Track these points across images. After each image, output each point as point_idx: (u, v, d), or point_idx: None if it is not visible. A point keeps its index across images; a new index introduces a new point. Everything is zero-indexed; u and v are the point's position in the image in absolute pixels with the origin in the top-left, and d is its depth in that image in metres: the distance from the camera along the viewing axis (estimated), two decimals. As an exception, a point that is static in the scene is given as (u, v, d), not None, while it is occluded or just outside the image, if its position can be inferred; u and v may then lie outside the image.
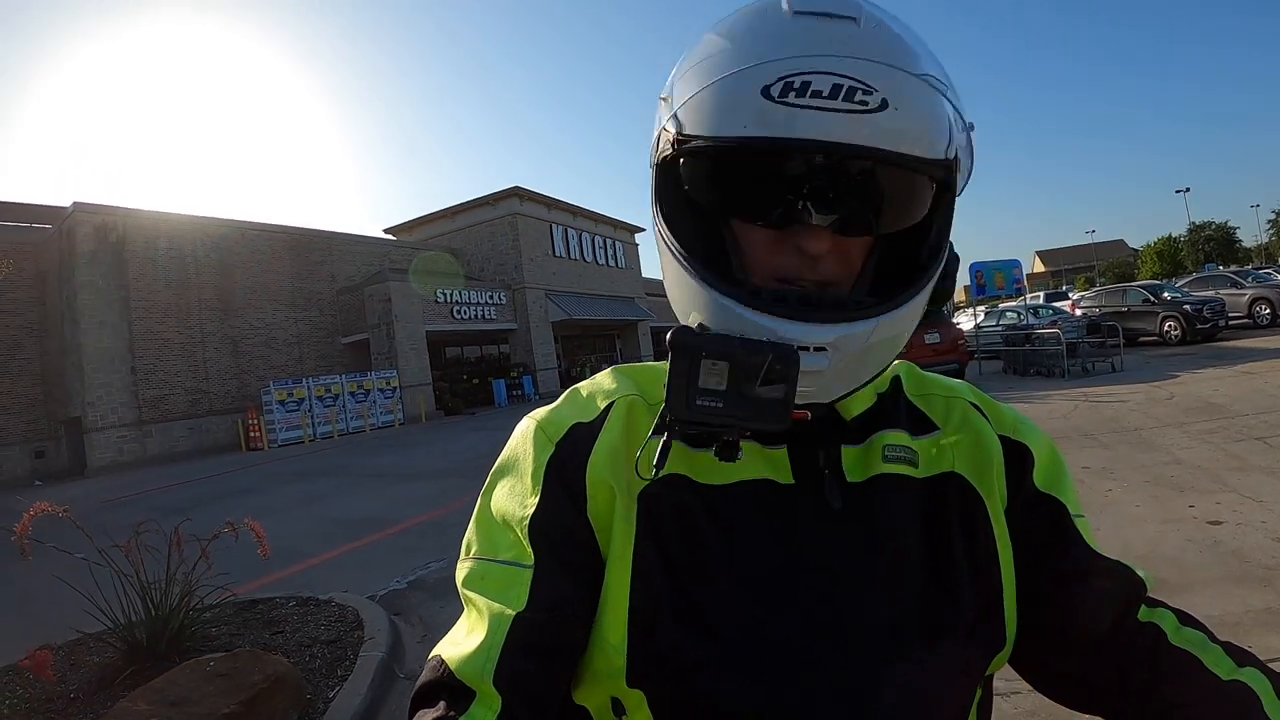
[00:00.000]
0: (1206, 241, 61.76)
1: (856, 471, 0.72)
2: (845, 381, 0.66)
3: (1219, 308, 18.26)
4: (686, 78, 0.66)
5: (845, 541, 0.68)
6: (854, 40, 0.59)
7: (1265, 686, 0.66)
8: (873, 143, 0.58)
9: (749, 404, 0.58)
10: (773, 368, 0.58)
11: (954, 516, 0.72)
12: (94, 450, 22.38)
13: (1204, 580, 4.01)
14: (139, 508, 11.85)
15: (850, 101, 0.57)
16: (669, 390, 0.59)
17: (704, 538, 0.68)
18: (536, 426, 0.75)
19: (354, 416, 25.75)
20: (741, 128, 0.60)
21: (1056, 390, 12.78)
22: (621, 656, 0.65)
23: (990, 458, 0.76)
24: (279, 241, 28.73)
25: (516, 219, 34.43)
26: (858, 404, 0.76)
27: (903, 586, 0.68)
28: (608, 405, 0.75)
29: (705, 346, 0.58)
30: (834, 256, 0.65)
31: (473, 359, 34.48)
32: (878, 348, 0.65)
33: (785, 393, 0.58)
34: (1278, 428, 7.38)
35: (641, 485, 0.69)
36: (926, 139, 0.60)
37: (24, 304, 24.48)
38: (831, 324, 0.61)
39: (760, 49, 0.60)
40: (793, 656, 0.64)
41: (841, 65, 0.58)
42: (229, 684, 3.39)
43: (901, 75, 0.59)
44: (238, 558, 4.49)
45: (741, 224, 0.67)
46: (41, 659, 3.43)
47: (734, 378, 0.58)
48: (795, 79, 0.58)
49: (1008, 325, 21.05)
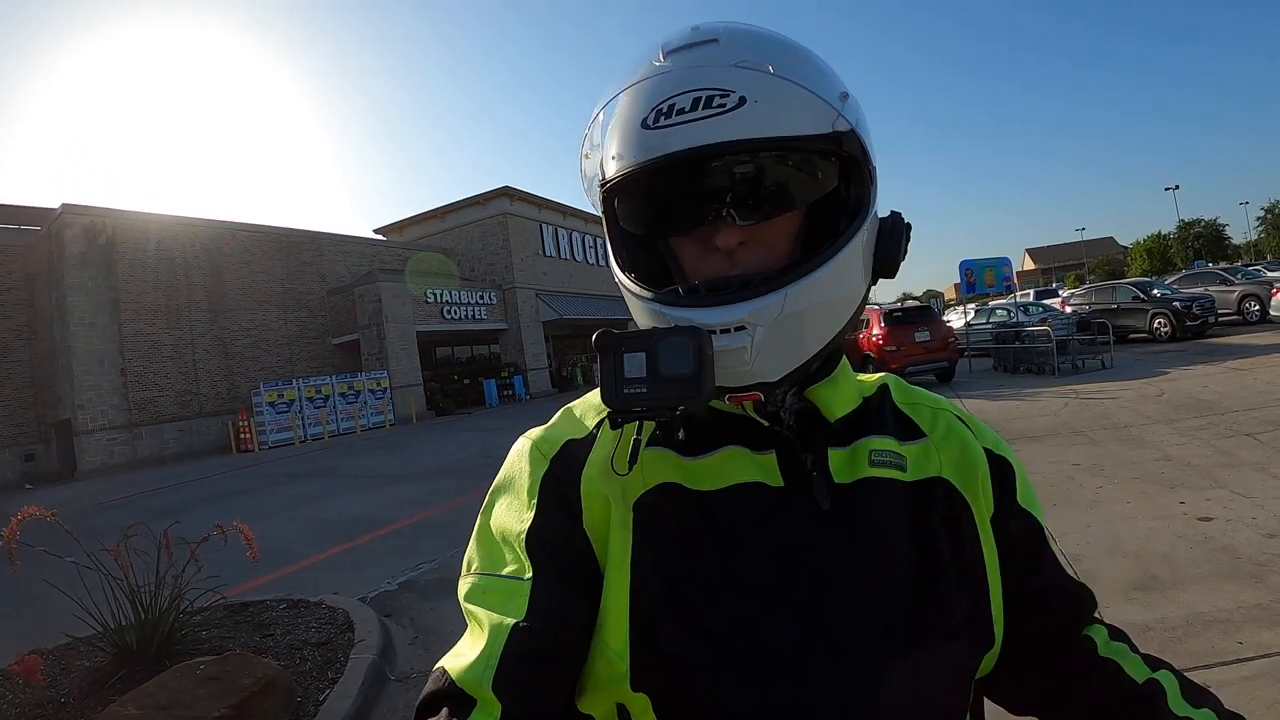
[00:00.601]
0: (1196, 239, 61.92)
1: (843, 474, 0.75)
2: (783, 356, 0.69)
3: (1208, 304, 18.35)
4: (595, 131, 0.76)
5: (835, 541, 0.70)
6: (712, 56, 0.68)
7: (1173, 684, 0.76)
8: (739, 135, 0.65)
9: (669, 385, 0.63)
10: (680, 349, 0.63)
11: (941, 519, 0.75)
12: (84, 453, 22.21)
13: (1195, 576, 4.03)
14: (129, 510, 11.81)
15: (709, 108, 0.65)
16: (600, 385, 0.66)
17: (698, 541, 0.70)
18: (531, 445, 0.80)
19: (345, 418, 25.63)
20: (634, 159, 0.69)
21: (1047, 388, 12.82)
22: (624, 662, 0.66)
23: (976, 466, 0.80)
24: (269, 242, 28.58)
25: (507, 219, 34.35)
26: (840, 405, 0.78)
27: (893, 585, 0.70)
28: (599, 422, 0.79)
29: (623, 343, 0.65)
30: (752, 247, 0.71)
31: (463, 359, 34.36)
32: (809, 317, 0.69)
33: (694, 369, 0.63)
34: (1267, 424, 7.43)
35: (637, 494, 0.72)
36: (801, 117, 0.67)
37: (13, 306, 24.28)
38: (738, 303, 0.66)
39: (637, 90, 0.70)
40: (786, 656, 0.65)
41: (699, 80, 0.66)
42: (219, 687, 3.37)
43: (755, 74, 0.66)
44: (227, 560, 4.48)
45: (674, 241, 0.76)
46: (31, 664, 3.41)
47: (650, 365, 0.64)
48: (664, 104, 0.67)
49: (998, 323, 21.08)
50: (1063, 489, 6.17)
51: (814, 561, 0.69)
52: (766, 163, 0.68)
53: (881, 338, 15.43)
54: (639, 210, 0.75)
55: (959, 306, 26.94)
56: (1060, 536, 4.97)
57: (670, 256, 0.78)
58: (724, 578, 0.68)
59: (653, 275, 0.78)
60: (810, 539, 0.70)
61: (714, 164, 0.67)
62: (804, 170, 0.70)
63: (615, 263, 0.80)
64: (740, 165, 0.68)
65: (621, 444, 0.72)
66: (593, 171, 0.77)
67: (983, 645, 0.74)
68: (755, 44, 0.69)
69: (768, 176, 0.69)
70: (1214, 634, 3.38)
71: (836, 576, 0.69)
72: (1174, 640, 3.38)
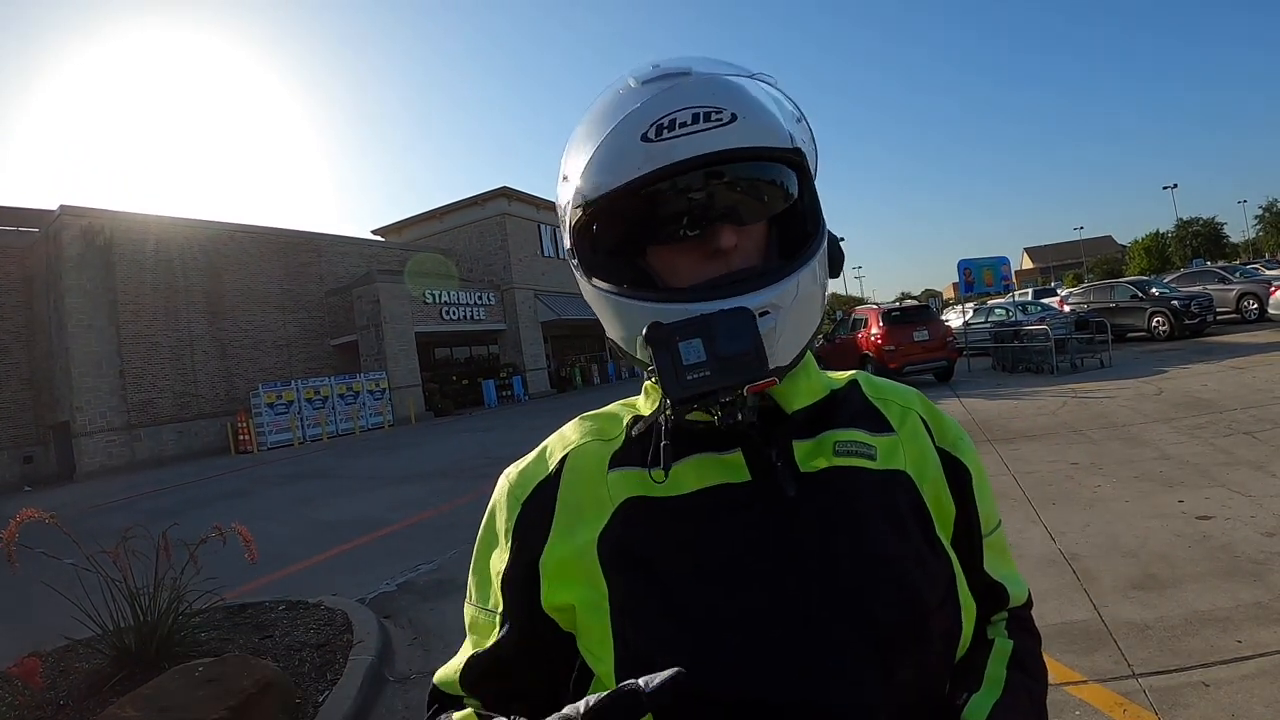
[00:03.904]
0: (1194, 237, 61.89)
1: (809, 463, 0.79)
2: (794, 340, 0.77)
3: (1207, 303, 18.32)
4: (576, 156, 0.80)
5: (803, 526, 0.74)
6: (694, 84, 0.75)
7: (998, 680, 0.80)
8: (737, 144, 0.73)
9: (730, 363, 0.66)
10: (737, 327, 0.67)
11: (907, 509, 0.79)
12: (83, 455, 22.21)
13: (1193, 575, 4.03)
14: (128, 512, 11.81)
15: (708, 121, 0.72)
16: (661, 380, 0.67)
17: (670, 541, 0.75)
18: (509, 488, 0.86)
19: (343, 419, 25.62)
20: (636, 170, 0.73)
21: (1045, 386, 12.83)
22: (609, 664, 0.72)
23: (929, 469, 0.85)
24: (267, 243, 28.59)
25: (505, 219, 34.35)
26: (799, 398, 0.82)
27: (862, 567, 0.73)
28: (562, 458, 0.85)
29: (677, 331, 0.67)
30: (741, 249, 0.77)
31: (462, 360, 34.36)
32: (807, 303, 0.77)
33: (753, 341, 0.67)
34: (1266, 422, 7.43)
35: (608, 514, 0.78)
36: (774, 134, 0.77)
37: (11, 309, 24.26)
38: (764, 288, 0.73)
39: (627, 111, 0.74)
40: (765, 639, 0.69)
41: (692, 99, 0.73)
42: (218, 689, 3.37)
43: (737, 93, 0.75)
44: (226, 562, 4.47)
45: (661, 252, 0.79)
46: (30, 666, 3.41)
47: (709, 346, 0.66)
48: (664, 119, 0.72)
49: (996, 322, 21.12)
50: (1061, 488, 6.18)
51: (784, 547, 0.73)
52: (753, 172, 0.77)
53: (880, 337, 15.44)
54: (628, 221, 0.79)
55: (957, 306, 26.94)
56: (1058, 535, 4.98)
57: (648, 267, 0.81)
58: (698, 571, 0.72)
59: (620, 283, 0.82)
60: (779, 526, 0.74)
61: (710, 173, 0.74)
62: (780, 179, 0.79)
63: (596, 279, 0.82)
64: (735, 173, 0.75)
65: (653, 451, 0.75)
66: (569, 196, 0.81)
67: (953, 633, 0.77)
68: (726, 71, 0.78)
69: (755, 183, 0.77)
70: (1213, 633, 3.38)
71: (808, 560, 0.72)
72: (1173, 639, 3.38)
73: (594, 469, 0.82)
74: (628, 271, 0.82)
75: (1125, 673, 3.17)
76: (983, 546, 0.87)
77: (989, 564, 0.88)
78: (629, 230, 0.79)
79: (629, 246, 0.81)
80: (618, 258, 0.83)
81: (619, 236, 0.81)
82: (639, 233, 0.79)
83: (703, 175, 0.74)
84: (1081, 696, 3.05)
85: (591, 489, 0.80)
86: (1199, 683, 3.01)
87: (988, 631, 0.88)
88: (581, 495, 0.80)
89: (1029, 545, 4.88)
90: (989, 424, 9.58)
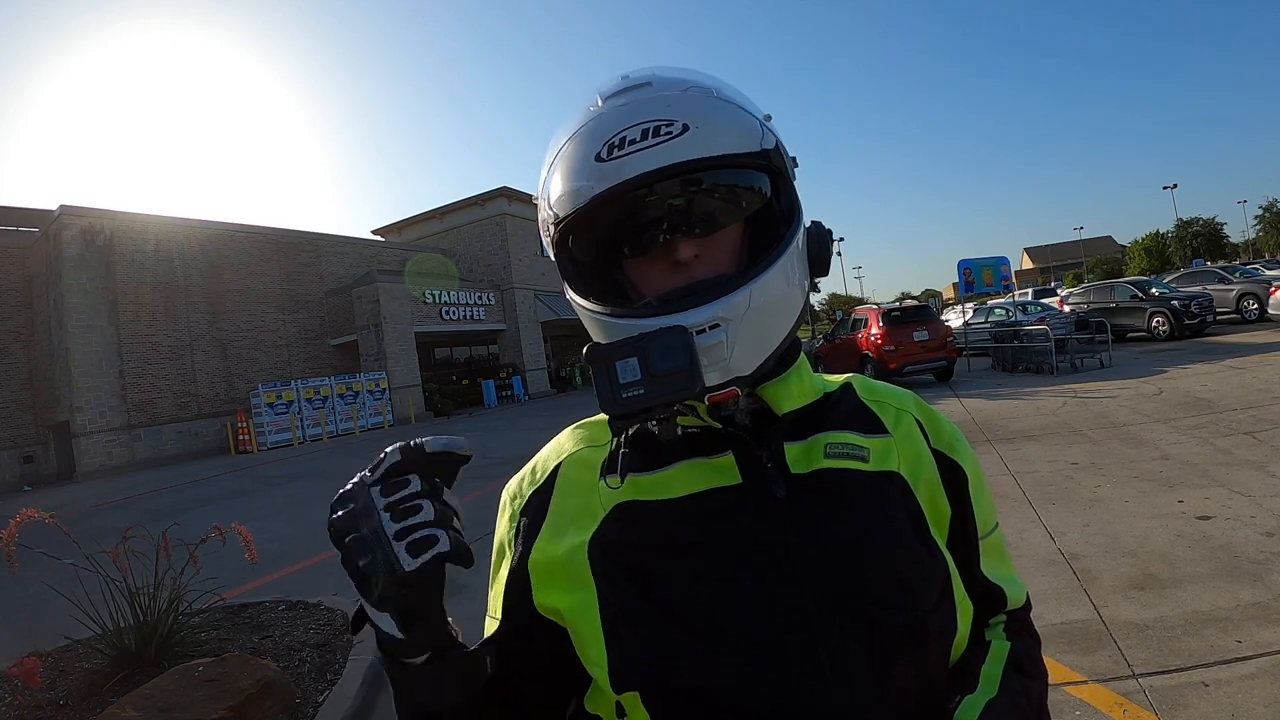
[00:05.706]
0: (1194, 237, 61.84)
1: (800, 465, 0.80)
2: (754, 349, 0.75)
3: (1207, 303, 18.33)
4: (544, 175, 0.83)
5: (794, 527, 0.75)
6: (647, 98, 0.77)
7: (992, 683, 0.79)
8: (686, 156, 0.73)
9: (665, 381, 0.66)
10: (670, 346, 0.67)
11: (901, 510, 0.80)
12: (83, 455, 22.15)
13: (1193, 575, 4.03)
14: (128, 512, 11.79)
15: (658, 136, 0.73)
16: (598, 395, 0.68)
17: (661, 545, 0.76)
18: (507, 499, 0.90)
19: (343, 419, 25.59)
20: (590, 191, 0.75)
21: (1045, 386, 12.84)
22: (604, 668, 0.73)
23: (923, 470, 0.85)
24: (267, 243, 28.55)
25: (505, 219, 34.29)
26: (790, 401, 0.83)
27: (854, 570, 0.73)
28: (555, 469, 0.87)
29: (613, 351, 0.68)
30: (705, 259, 0.78)
31: (462, 360, 34.30)
32: (770, 310, 0.76)
33: (687, 359, 0.67)
34: (1266, 422, 7.44)
35: (598, 520, 0.79)
36: (734, 139, 0.77)
37: (11, 308, 24.23)
38: (711, 302, 0.72)
39: (589, 131, 0.77)
40: (757, 638, 0.70)
41: (643, 115, 0.74)
42: (218, 689, 3.37)
43: (692, 104, 0.76)
44: (226, 562, 4.47)
45: (632, 264, 0.81)
46: (30, 666, 3.40)
47: (644, 366, 0.67)
48: (615, 138, 0.74)
49: (996, 322, 21.12)
50: (1061, 488, 6.18)
51: (774, 549, 0.73)
52: (710, 180, 0.77)
53: (880, 337, 15.46)
54: (597, 238, 0.81)
55: (957, 306, 26.95)
56: (1059, 535, 4.98)
57: (625, 280, 0.84)
58: (689, 573, 0.73)
59: (597, 296, 0.84)
60: (770, 527, 0.74)
61: (664, 186, 0.75)
62: (742, 184, 0.79)
63: (573, 293, 0.86)
64: (689, 185, 0.76)
65: (609, 459, 0.79)
66: (545, 214, 0.83)
67: (948, 631, 0.78)
68: (685, 81, 0.80)
69: (713, 193, 0.77)
70: (1213, 633, 3.38)
71: (798, 562, 0.72)
72: (1173, 639, 3.38)
73: (587, 475, 0.84)
74: (605, 283, 0.85)
75: (1125, 673, 3.17)
76: (979, 548, 0.87)
77: (986, 565, 0.88)
78: (599, 246, 0.81)
79: (604, 260, 0.84)
80: (596, 270, 0.86)
81: (592, 252, 0.83)
82: (609, 248, 0.81)
83: (658, 190, 0.75)
84: (1081, 696, 3.05)
85: (584, 495, 0.82)
86: (1199, 683, 3.01)
87: (985, 634, 0.87)
88: (574, 501, 0.82)
89: (1029, 545, 4.88)
90: (989, 424, 9.59)
